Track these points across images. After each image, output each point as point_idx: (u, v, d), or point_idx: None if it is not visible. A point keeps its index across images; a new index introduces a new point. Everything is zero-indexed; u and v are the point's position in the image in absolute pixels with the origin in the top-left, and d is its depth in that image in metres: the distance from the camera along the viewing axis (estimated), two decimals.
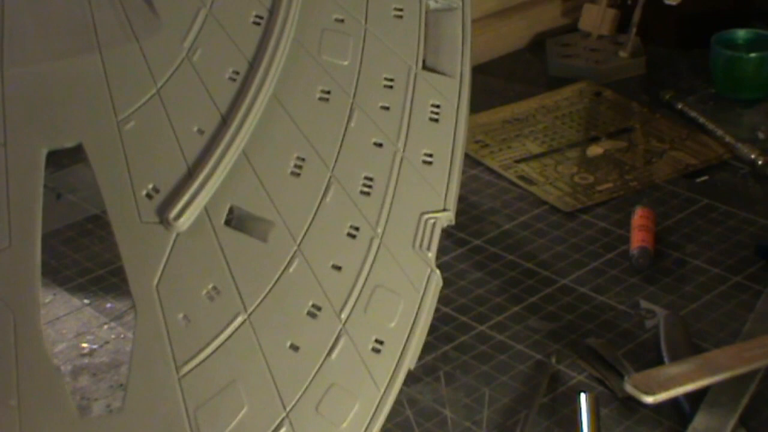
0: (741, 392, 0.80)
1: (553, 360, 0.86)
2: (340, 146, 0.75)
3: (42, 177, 0.73)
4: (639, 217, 1.01)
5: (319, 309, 0.70)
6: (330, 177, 0.74)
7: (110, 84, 0.75)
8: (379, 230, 0.73)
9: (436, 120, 0.77)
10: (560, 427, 0.80)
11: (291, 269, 0.71)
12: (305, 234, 0.72)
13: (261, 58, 0.76)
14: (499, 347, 0.88)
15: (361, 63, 0.77)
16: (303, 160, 0.74)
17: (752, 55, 1.22)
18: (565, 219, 1.04)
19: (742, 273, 0.96)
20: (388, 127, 0.76)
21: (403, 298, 0.72)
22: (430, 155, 0.76)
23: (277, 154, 0.75)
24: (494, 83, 1.30)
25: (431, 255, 0.73)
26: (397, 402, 0.83)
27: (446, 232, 1.02)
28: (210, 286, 0.70)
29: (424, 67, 0.79)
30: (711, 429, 0.77)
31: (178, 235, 0.71)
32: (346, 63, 0.77)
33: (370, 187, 0.74)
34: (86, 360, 0.88)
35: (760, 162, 1.10)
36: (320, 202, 0.73)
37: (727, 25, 1.27)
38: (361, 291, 0.71)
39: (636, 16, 1.30)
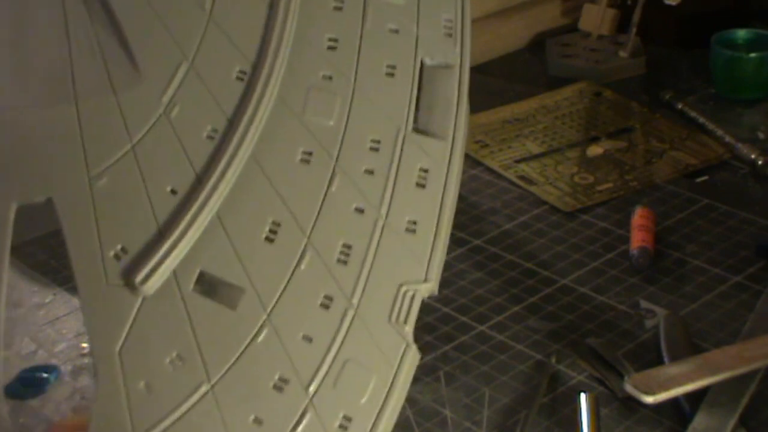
0: (741, 392, 0.80)
1: (553, 360, 0.86)
2: (319, 211, 0.72)
3: (10, 232, 0.70)
4: (639, 217, 1.01)
5: (286, 382, 0.68)
6: (306, 244, 0.71)
7: (84, 138, 0.72)
8: (355, 301, 0.70)
9: (423, 185, 0.73)
10: (560, 427, 0.80)
11: (259, 339, 0.68)
12: (276, 303, 0.69)
13: (241, 116, 0.73)
14: (499, 347, 0.88)
15: (347, 124, 0.74)
16: (279, 225, 0.71)
17: (752, 55, 1.22)
18: (565, 219, 1.04)
19: (742, 273, 0.96)
20: (371, 192, 0.73)
21: (376, 374, 0.68)
22: (414, 223, 0.73)
23: (252, 217, 0.71)
24: (494, 83, 1.30)
25: (408, 328, 0.70)
26: None
27: None
28: (174, 354, 0.68)
29: (415, 129, 0.75)
30: (711, 429, 0.77)
31: (144, 299, 0.68)
32: (331, 123, 0.74)
33: (347, 255, 0.70)
34: (86, 360, 0.88)
35: (760, 162, 1.10)
36: (294, 270, 0.70)
37: (727, 25, 1.26)
38: (331, 364, 0.68)
39: (636, 16, 1.30)
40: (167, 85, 0.74)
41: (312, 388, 0.68)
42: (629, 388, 0.79)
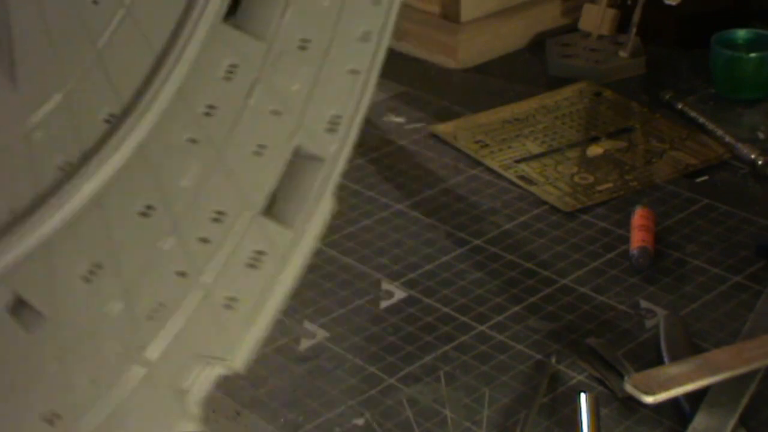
0: (741, 392, 0.80)
1: (553, 360, 0.86)
2: (144, 266, 0.71)
3: None
4: (639, 217, 1.01)
5: (57, 418, 0.66)
6: (120, 292, 0.70)
7: None
8: (148, 359, 0.68)
9: (255, 267, 0.72)
10: (560, 427, 0.80)
11: (47, 371, 0.67)
12: (73, 340, 0.67)
13: (94, 157, 0.72)
14: (499, 347, 0.88)
15: (198, 190, 0.72)
16: (100, 267, 0.70)
17: (752, 55, 1.22)
18: (565, 219, 1.04)
19: (742, 273, 0.96)
20: (199, 259, 0.71)
21: None
22: (235, 300, 0.71)
23: (78, 254, 0.70)
24: (494, 83, 1.30)
25: (192, 399, 0.68)
26: (397, 402, 0.83)
27: (446, 232, 1.03)
28: None
29: (266, 211, 0.73)
30: (711, 429, 0.77)
31: None
32: (182, 185, 0.72)
33: (158, 313, 0.69)
34: None
35: (760, 162, 1.10)
36: (101, 315, 0.68)
37: (727, 25, 1.26)
38: (109, 415, 0.66)
39: (636, 16, 1.30)
40: (37, 108, 0.72)
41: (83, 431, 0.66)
42: (629, 388, 0.79)
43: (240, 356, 0.70)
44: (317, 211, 0.74)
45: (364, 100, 0.76)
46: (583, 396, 0.80)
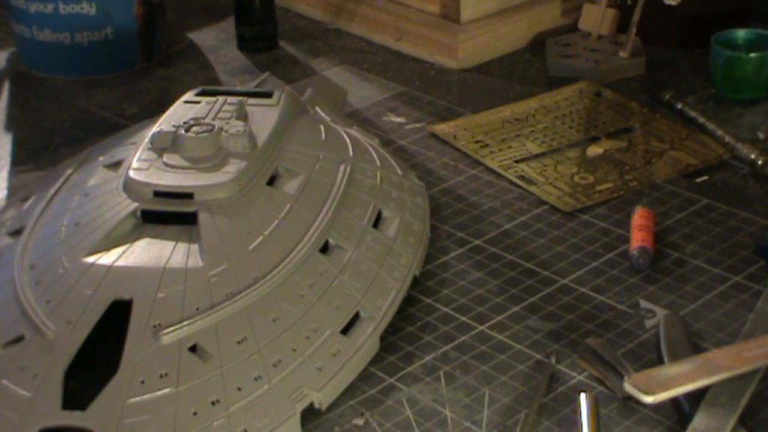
0: (741, 392, 0.80)
1: (553, 360, 0.86)
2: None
3: None
4: (639, 217, 1.01)
5: None
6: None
7: None
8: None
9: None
10: (560, 427, 0.80)
11: None
12: None
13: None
14: (499, 347, 0.88)
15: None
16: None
17: (752, 55, 1.22)
18: (565, 219, 1.04)
19: (742, 273, 0.96)
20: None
21: None
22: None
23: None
24: (494, 83, 1.30)
25: None
26: (397, 402, 0.83)
27: (446, 232, 1.03)
28: None
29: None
30: (711, 429, 0.77)
31: None
32: None
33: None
34: None
35: (760, 162, 1.10)
36: None
37: (727, 25, 1.26)
38: None
39: (636, 16, 1.30)
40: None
41: None
42: (629, 388, 0.79)
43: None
44: None
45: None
46: (583, 396, 0.80)
